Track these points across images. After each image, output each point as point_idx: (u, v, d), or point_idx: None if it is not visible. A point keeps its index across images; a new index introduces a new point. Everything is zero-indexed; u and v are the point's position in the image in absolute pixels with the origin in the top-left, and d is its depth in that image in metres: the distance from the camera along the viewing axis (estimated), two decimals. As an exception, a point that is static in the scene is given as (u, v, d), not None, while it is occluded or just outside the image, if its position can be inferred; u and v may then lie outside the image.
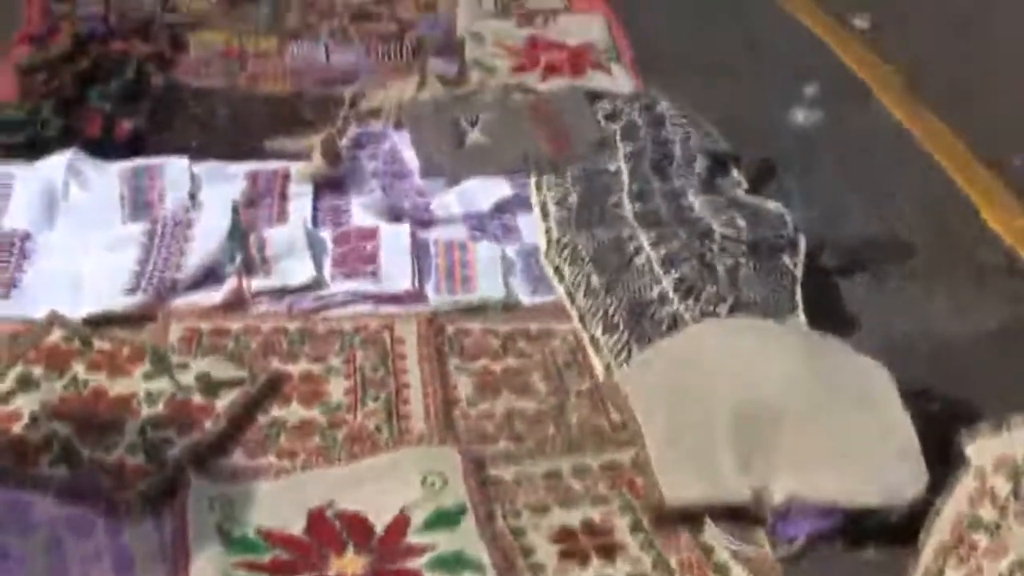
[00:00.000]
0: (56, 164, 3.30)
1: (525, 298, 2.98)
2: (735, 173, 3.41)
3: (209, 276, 2.94)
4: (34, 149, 3.39)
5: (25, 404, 2.51)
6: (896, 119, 3.97)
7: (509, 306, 2.95)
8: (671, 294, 2.81)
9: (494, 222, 3.25)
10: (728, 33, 4.54)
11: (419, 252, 3.06)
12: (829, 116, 3.20)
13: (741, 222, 3.01)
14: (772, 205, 3.17)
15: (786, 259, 2.95)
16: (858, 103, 4.05)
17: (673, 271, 2.85)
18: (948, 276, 3.19)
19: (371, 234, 3.09)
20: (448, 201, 3.29)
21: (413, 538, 2.28)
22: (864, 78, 4.25)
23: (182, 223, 3.07)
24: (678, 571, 2.29)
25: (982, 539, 2.14)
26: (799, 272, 2.92)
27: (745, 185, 3.34)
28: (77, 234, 3.10)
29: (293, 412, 2.58)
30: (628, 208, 3.14)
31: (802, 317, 2.82)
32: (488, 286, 2.99)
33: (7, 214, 3.16)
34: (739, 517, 2.36)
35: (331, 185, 3.31)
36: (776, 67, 4.24)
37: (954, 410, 2.48)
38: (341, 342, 2.78)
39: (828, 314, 2.87)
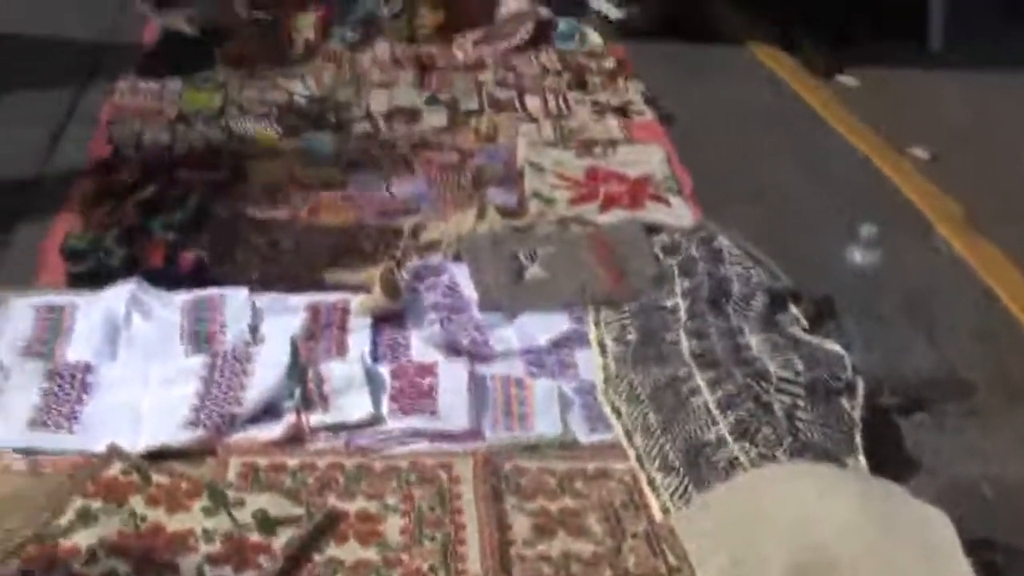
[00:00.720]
0: (119, 294, 3.34)
1: (583, 436, 2.97)
2: (793, 310, 3.40)
3: (268, 411, 2.95)
4: (97, 279, 3.44)
5: (84, 539, 2.52)
6: (956, 251, 3.97)
7: (566, 444, 2.94)
8: (728, 437, 2.79)
9: (551, 358, 3.26)
10: (787, 162, 4.56)
11: (477, 388, 3.06)
12: (888, 249, 3.20)
13: (799, 363, 3.00)
14: (831, 345, 3.16)
15: (844, 402, 2.94)
16: (917, 235, 4.05)
17: (730, 413, 2.84)
18: (1009, 415, 3.15)
19: (429, 369, 3.10)
20: (506, 336, 3.30)
21: None
22: (923, 209, 4.26)
23: (242, 356, 3.10)
24: None
25: None
26: (858, 415, 2.91)
27: (804, 323, 3.33)
28: (138, 366, 3.12)
29: (350, 551, 2.57)
30: (685, 346, 3.14)
31: (862, 460, 2.80)
32: (545, 423, 2.98)
33: (70, 345, 3.19)
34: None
35: (390, 318, 3.33)
36: (835, 197, 4.26)
37: (1017, 562, 2.44)
38: (398, 480, 2.77)
39: (888, 456, 2.85)
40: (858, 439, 2.84)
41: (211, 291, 3.40)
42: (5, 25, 5.39)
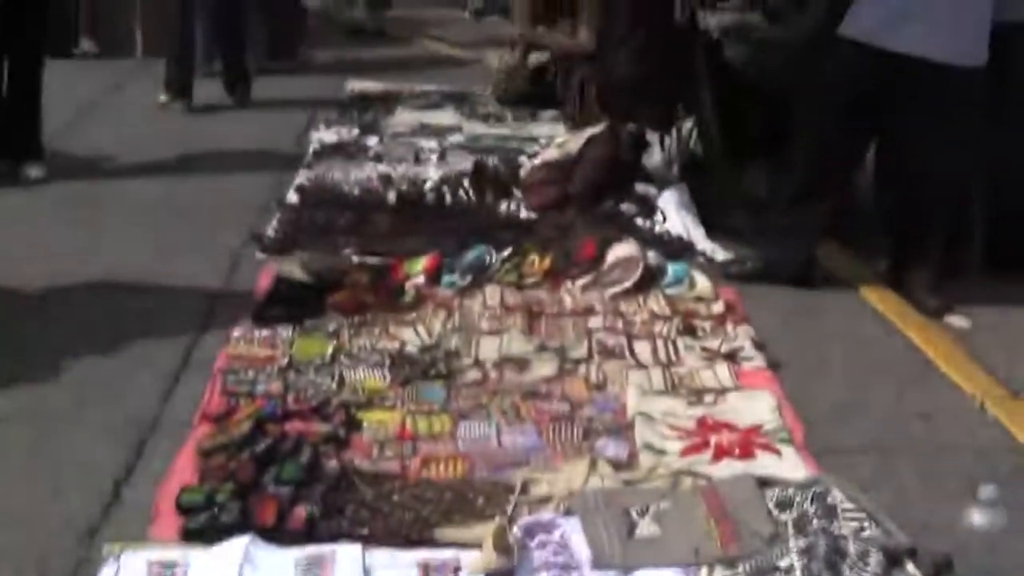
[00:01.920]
0: (232, 551, 3.34)
1: None
2: (910, 568, 3.32)
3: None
4: (212, 533, 3.45)
5: None
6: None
7: None
8: None
9: (666, 616, 3.21)
10: (899, 411, 4.51)
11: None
12: (1009, 509, 3.13)
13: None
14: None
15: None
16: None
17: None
18: None
19: (542, 630, 3.07)
20: (619, 594, 3.26)
21: None
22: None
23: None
24: None
25: None
26: None
27: (922, 583, 3.26)
28: (249, 627, 3.11)
29: None
30: (802, 609, 3.08)
31: None
32: None
33: (182, 605, 3.20)
34: None
35: (502, 576, 3.30)
36: (951, 451, 4.19)
37: None
38: None
39: None
40: None
41: (323, 548, 3.39)
42: (125, 273, 5.56)
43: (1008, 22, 5.50)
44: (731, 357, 4.80)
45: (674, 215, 6.38)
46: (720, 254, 6.01)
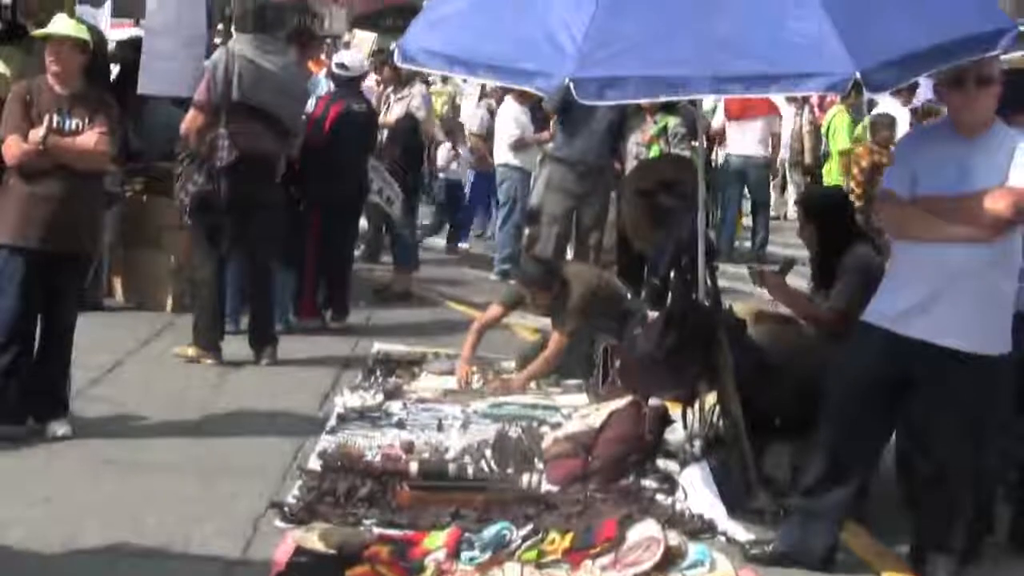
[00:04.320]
0: None
1: None
2: None
3: None
4: None
5: None
6: None
7: None
8: None
9: None
10: None
11: None
12: None
13: None
14: None
15: None
16: None
17: None
18: None
19: None
20: None
21: None
22: None
23: None
24: None
25: None
26: None
27: None
28: None
29: None
30: None
31: None
32: None
33: None
34: None
35: None
36: None
37: None
38: None
39: None
40: None
41: None
42: (144, 537, 5.55)
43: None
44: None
45: (696, 493, 6.37)
46: (742, 535, 5.98)
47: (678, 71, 5.28)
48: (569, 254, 12.09)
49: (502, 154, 14.07)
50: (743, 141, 15.79)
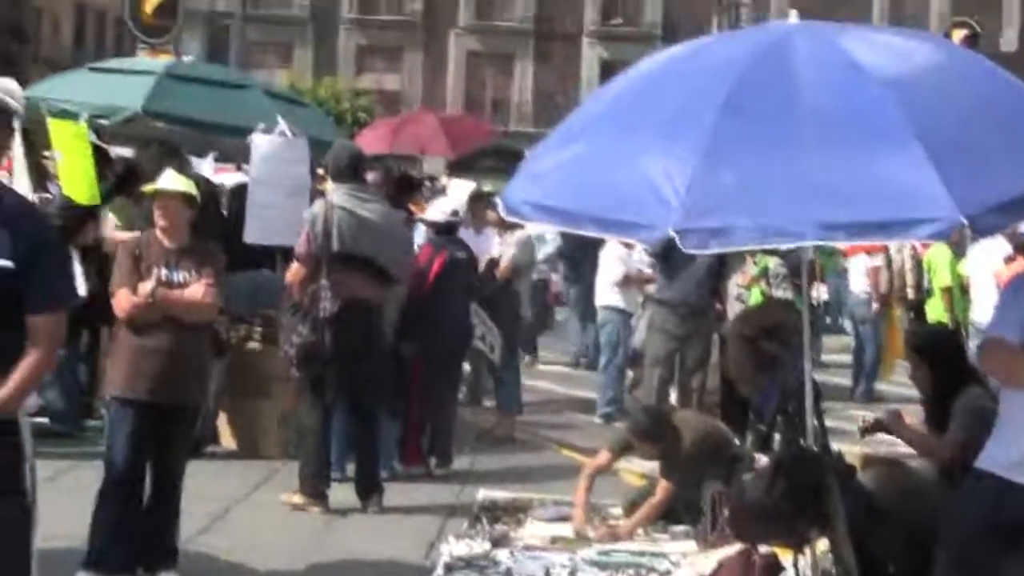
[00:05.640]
0: None
1: None
2: None
3: None
4: None
5: None
6: None
7: None
8: None
9: None
10: None
11: None
12: None
13: None
14: None
15: None
16: None
17: None
18: None
19: None
20: None
21: None
22: None
23: None
24: None
25: None
26: None
27: None
28: None
29: None
30: None
31: None
32: None
33: None
34: None
35: None
36: None
37: None
38: None
39: None
40: None
41: None
42: None
43: None
44: None
45: (809, 641, 6.25)
46: None
47: (782, 219, 5.27)
48: (672, 396, 12.05)
49: (604, 295, 14.04)
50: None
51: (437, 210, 11.46)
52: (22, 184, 9.71)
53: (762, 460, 7.34)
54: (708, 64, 5.81)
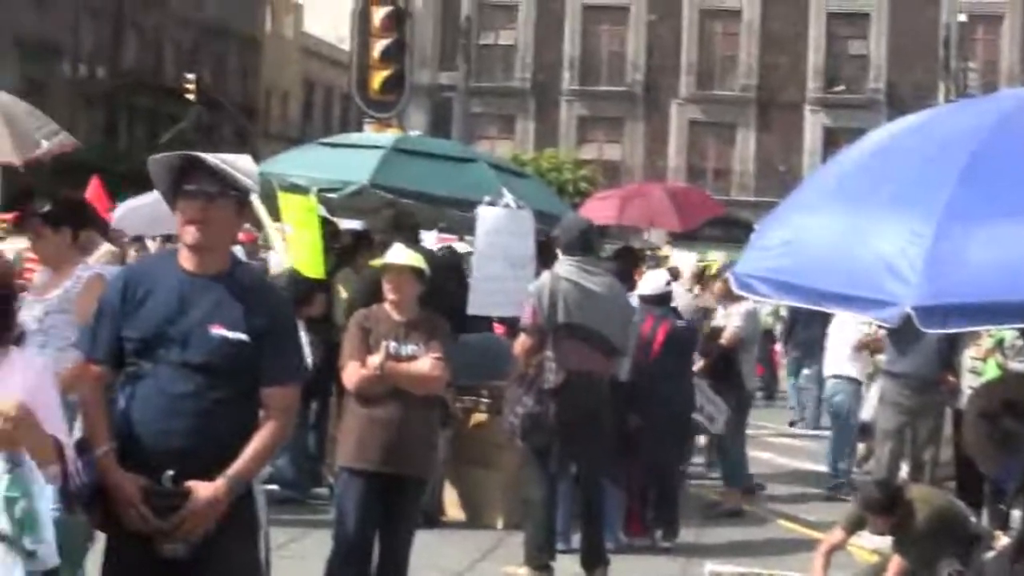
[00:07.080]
0: None
1: None
2: None
3: None
4: None
5: None
6: None
7: None
8: None
9: None
10: None
11: None
12: None
13: None
14: None
15: None
16: None
17: None
18: None
19: None
20: None
21: None
22: None
23: None
24: None
25: None
26: None
27: None
28: None
29: None
30: None
31: None
32: None
33: None
34: None
35: None
36: None
37: None
38: None
39: None
40: None
41: None
42: None
43: None
44: None
45: None
46: None
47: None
48: (903, 470, 11.73)
49: (835, 364, 13.68)
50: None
51: (651, 283, 11.37)
52: (281, 256, 10.07)
53: (1002, 539, 7.06)
54: (943, 134, 5.67)
